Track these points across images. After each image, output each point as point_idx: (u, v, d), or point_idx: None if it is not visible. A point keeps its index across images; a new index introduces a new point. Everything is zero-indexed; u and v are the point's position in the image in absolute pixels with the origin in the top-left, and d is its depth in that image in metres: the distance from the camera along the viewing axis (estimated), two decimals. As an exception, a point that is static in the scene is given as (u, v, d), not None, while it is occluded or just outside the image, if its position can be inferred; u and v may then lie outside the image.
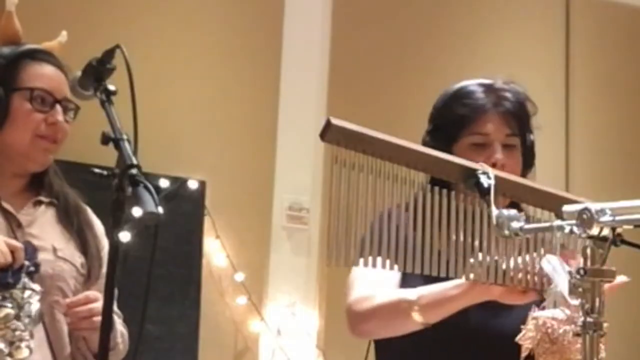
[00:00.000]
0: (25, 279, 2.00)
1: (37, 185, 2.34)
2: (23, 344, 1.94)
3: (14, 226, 2.26)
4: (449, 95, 2.46)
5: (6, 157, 2.27)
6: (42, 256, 2.25)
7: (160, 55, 4.08)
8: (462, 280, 2.14)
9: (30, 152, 2.25)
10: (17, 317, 1.97)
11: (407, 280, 2.32)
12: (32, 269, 2.05)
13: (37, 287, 2.01)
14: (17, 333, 1.96)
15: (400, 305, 2.26)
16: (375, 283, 2.34)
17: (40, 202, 2.33)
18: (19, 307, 1.97)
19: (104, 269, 2.23)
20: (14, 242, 2.05)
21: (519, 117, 2.47)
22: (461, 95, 2.42)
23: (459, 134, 2.33)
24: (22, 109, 2.23)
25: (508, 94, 2.49)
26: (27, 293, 1.99)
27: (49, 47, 2.27)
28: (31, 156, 2.26)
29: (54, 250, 2.28)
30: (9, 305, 1.96)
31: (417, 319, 2.23)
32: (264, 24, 4.35)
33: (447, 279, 1.97)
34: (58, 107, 2.22)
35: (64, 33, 2.01)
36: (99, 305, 2.12)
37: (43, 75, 2.24)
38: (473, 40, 4.68)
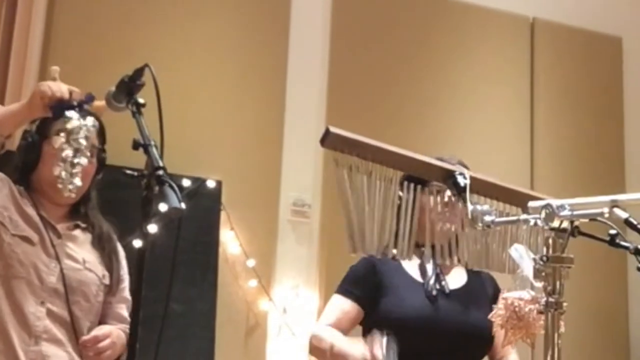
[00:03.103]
0: (77, 114, 2.06)
1: (76, 214, 2.41)
2: (76, 164, 2.00)
3: (55, 237, 2.28)
4: None
5: (40, 190, 2.35)
6: (72, 265, 2.30)
7: (182, 73, 4.07)
8: None
9: (56, 188, 2.26)
10: (69, 143, 2.02)
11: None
12: (85, 102, 2.10)
13: (90, 120, 2.06)
14: (66, 154, 2.01)
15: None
16: (333, 320, 2.57)
17: (77, 226, 2.37)
18: (68, 135, 2.03)
19: (122, 285, 2.44)
20: (73, 87, 2.11)
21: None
22: None
23: None
24: (49, 152, 2.29)
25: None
26: (75, 123, 2.02)
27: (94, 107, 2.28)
28: (57, 190, 2.27)
29: (84, 262, 2.33)
30: (62, 136, 2.04)
31: None
32: (272, 46, 4.34)
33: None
34: None
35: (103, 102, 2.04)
36: (106, 343, 2.26)
37: None
38: (453, 58, 4.67)
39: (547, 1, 4.95)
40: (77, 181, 2.02)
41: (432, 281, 2.50)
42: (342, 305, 2.58)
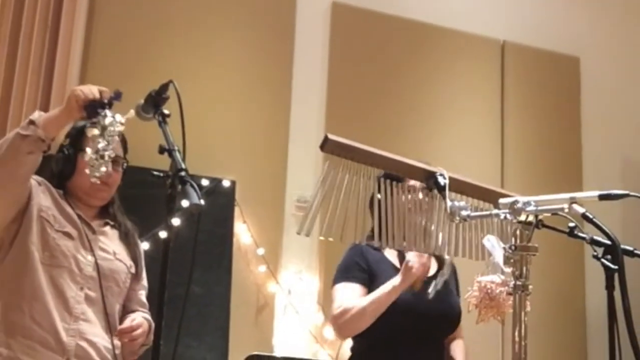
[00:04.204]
0: (108, 111, 2.03)
1: (105, 213, 2.43)
2: (106, 154, 1.97)
3: (90, 233, 2.29)
4: None
5: (76, 195, 2.36)
6: (105, 256, 2.32)
7: (201, 87, 4.07)
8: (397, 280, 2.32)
9: (90, 192, 2.34)
10: (102, 136, 1.99)
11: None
12: (114, 98, 2.07)
13: (118, 116, 2.03)
14: (101, 146, 1.98)
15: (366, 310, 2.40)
16: (348, 298, 2.47)
17: (107, 224, 2.39)
18: (103, 129, 1.99)
19: (143, 274, 2.47)
20: (102, 87, 2.09)
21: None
22: None
23: None
24: (83, 163, 2.26)
25: None
26: (109, 120, 2.00)
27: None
28: (91, 195, 2.35)
29: (114, 253, 2.35)
30: (96, 128, 2.00)
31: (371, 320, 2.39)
32: (279, 65, 4.33)
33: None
34: None
35: (132, 111, 2.03)
36: (139, 332, 2.28)
37: None
38: (434, 75, 4.66)
39: (515, 26, 4.94)
40: (104, 169, 1.99)
41: (431, 287, 2.48)
42: (349, 288, 2.51)
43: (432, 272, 2.56)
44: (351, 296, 2.47)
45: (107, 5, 4.04)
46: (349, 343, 2.65)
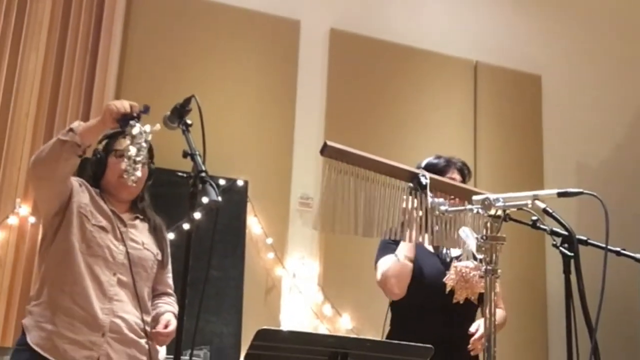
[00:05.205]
0: (138, 123, 1.99)
1: (135, 208, 2.41)
2: (138, 160, 1.95)
3: (121, 226, 2.28)
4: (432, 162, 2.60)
5: (108, 191, 2.35)
6: (135, 246, 2.30)
7: (219, 101, 4.07)
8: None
9: (118, 187, 2.32)
10: (132, 144, 1.97)
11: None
12: (143, 112, 2.04)
13: (147, 127, 1.99)
14: (132, 153, 1.96)
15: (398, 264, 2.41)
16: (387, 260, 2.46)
17: (137, 217, 2.38)
18: (133, 138, 1.97)
19: (169, 261, 2.42)
20: (133, 102, 2.06)
21: (462, 171, 2.60)
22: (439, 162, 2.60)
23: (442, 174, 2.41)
24: (111, 162, 2.31)
25: (459, 163, 2.63)
26: (137, 130, 1.97)
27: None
28: (119, 189, 2.33)
29: (143, 244, 2.33)
30: (127, 139, 1.98)
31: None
32: (285, 83, 4.34)
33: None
34: None
35: (158, 125, 2.01)
36: (170, 330, 2.25)
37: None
38: (416, 92, 4.65)
39: (487, 48, 4.94)
40: (139, 173, 1.99)
41: (444, 251, 2.51)
42: (387, 259, 2.48)
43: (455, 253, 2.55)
44: (389, 263, 2.47)
45: (139, 33, 4.04)
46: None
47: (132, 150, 1.96)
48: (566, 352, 1.79)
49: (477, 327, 2.40)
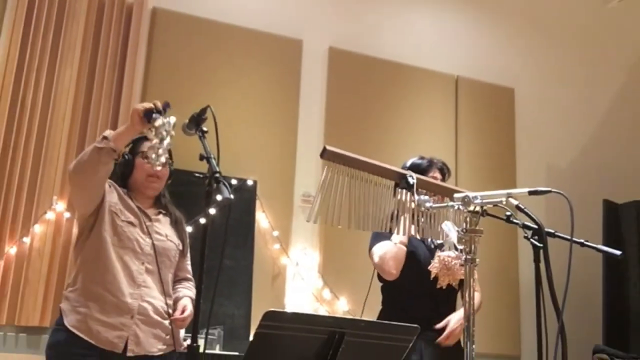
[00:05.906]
0: (160, 117, 1.90)
1: (159, 205, 2.40)
2: (161, 150, 1.87)
3: (146, 220, 2.29)
4: (416, 162, 2.63)
5: (136, 188, 2.35)
6: (159, 238, 2.30)
7: (231, 111, 4.07)
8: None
9: (145, 184, 2.32)
10: (156, 135, 1.89)
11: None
12: (165, 109, 1.96)
13: (170, 119, 1.90)
14: (154, 142, 1.88)
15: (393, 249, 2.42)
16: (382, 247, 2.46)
17: (160, 212, 2.37)
18: (156, 129, 1.89)
19: (188, 250, 2.41)
20: (155, 101, 1.99)
21: (442, 170, 2.62)
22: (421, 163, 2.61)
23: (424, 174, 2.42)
24: (138, 163, 2.32)
25: (439, 163, 2.65)
26: (159, 122, 1.88)
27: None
28: (146, 186, 2.33)
29: (166, 236, 2.33)
30: (152, 131, 1.90)
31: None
32: (288, 95, 4.34)
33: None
34: None
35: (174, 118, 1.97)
36: (186, 314, 2.23)
37: None
38: (403, 103, 4.66)
39: (467, 64, 4.93)
40: (163, 159, 1.89)
41: (429, 239, 2.51)
42: (382, 244, 2.47)
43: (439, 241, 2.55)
44: (386, 247, 2.46)
45: (161, 50, 4.05)
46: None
47: (156, 140, 1.90)
48: (536, 332, 1.80)
49: (446, 322, 2.41)
